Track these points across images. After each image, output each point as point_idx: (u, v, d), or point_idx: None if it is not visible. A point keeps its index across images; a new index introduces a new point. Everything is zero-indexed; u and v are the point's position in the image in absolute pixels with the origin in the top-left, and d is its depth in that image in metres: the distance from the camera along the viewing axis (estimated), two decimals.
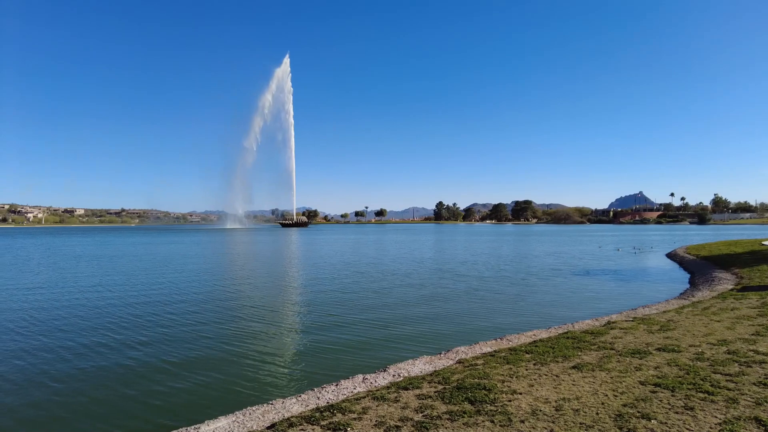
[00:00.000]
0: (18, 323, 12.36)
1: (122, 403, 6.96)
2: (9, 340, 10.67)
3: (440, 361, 7.35)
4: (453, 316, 12.89)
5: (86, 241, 65.35)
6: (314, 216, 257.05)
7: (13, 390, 7.57)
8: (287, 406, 5.71)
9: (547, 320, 12.07)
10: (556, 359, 6.85)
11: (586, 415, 4.67)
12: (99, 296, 16.69)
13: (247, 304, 14.91)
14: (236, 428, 5.15)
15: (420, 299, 15.60)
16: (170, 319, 12.75)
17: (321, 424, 4.79)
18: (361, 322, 12.12)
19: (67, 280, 21.47)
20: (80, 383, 7.83)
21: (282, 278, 22.40)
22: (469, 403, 5.14)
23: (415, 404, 5.21)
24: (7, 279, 21.92)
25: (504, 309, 14.01)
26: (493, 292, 17.18)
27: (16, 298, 16.31)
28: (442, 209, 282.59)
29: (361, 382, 6.44)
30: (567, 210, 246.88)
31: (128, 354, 9.45)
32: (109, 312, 13.76)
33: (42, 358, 9.21)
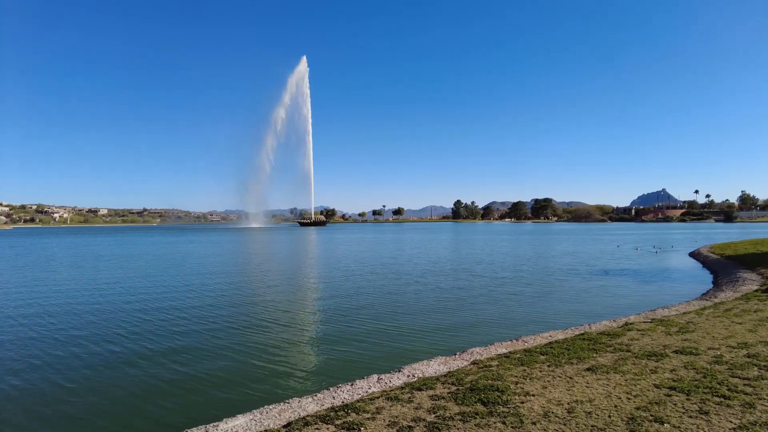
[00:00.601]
0: (36, 322, 12.78)
1: (140, 402, 7.17)
2: (27, 338, 11.07)
3: (455, 362, 7.41)
4: (469, 317, 12.91)
5: (108, 240, 66.92)
6: (332, 215, 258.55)
7: (29, 389, 7.87)
8: (303, 405, 5.84)
9: (564, 321, 12.00)
10: (570, 361, 6.85)
11: (598, 418, 4.68)
12: (117, 295, 17.14)
13: (263, 304, 15.15)
14: (253, 426, 5.30)
15: (436, 300, 15.64)
16: (187, 318, 13.04)
17: (335, 424, 4.90)
18: (377, 323, 12.23)
19: (87, 279, 22.07)
20: (97, 382, 8.09)
21: (299, 278, 22.65)
22: (481, 405, 5.19)
23: (428, 405, 5.29)
24: (30, 278, 22.63)
25: (520, 310, 13.96)
26: (510, 292, 17.11)
27: (36, 297, 16.85)
28: (460, 208, 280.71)
29: (376, 382, 6.54)
30: (588, 208, 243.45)
31: (146, 353, 9.72)
32: (125, 311, 14.14)
33: (59, 357, 9.53)
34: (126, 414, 6.78)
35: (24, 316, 13.46)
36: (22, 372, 8.62)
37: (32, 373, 8.58)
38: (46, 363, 9.15)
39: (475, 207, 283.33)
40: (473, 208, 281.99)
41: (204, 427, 5.42)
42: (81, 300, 16.21)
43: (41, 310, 14.49)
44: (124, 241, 63.44)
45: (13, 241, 67.97)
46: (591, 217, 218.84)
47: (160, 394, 7.44)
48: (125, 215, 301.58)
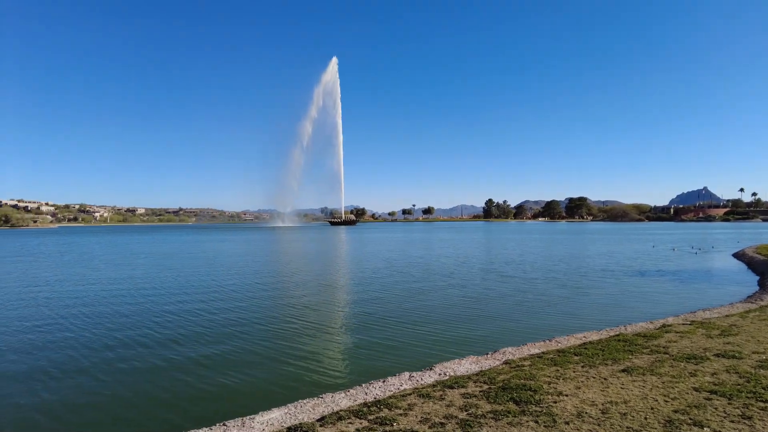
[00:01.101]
0: (72, 317, 13.40)
1: (178, 395, 7.44)
2: (64, 332, 11.63)
3: (487, 361, 7.40)
4: (500, 317, 12.82)
5: (145, 239, 69.27)
6: (362, 214, 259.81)
7: (71, 382, 8.29)
8: (336, 400, 5.96)
9: (599, 322, 11.77)
10: (605, 362, 6.74)
11: (633, 420, 4.61)
12: (152, 292, 17.77)
13: (294, 302, 15.43)
14: (288, 420, 5.45)
15: (466, 300, 15.57)
16: (221, 315, 13.42)
17: (368, 419, 5.00)
18: (408, 321, 12.29)
19: (124, 277, 22.95)
20: (133, 376, 8.45)
21: (329, 276, 22.93)
22: (513, 404, 5.19)
23: (460, 403, 5.32)
24: (71, 275, 23.71)
25: (554, 310, 13.76)
26: (543, 293, 16.87)
27: (75, 294, 17.65)
28: (492, 207, 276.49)
29: (408, 379, 6.61)
30: (624, 207, 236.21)
31: (183, 349, 10.07)
32: (161, 308, 14.65)
33: (97, 351, 9.99)
34: (164, 407, 7.06)
35: (62, 313, 14.13)
36: (62, 365, 9.09)
37: (70, 366, 9.03)
38: (84, 357, 9.61)
39: (507, 206, 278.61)
40: (505, 207, 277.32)
41: (241, 419, 5.61)
42: (118, 297, 16.90)
43: (80, 305, 15.19)
44: (161, 240, 65.58)
45: (58, 239, 71.26)
46: (627, 216, 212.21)
47: (198, 388, 7.71)
48: (162, 214, 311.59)
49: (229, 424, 5.46)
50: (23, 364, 9.12)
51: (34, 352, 9.90)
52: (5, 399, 7.37)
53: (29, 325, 12.39)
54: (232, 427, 5.40)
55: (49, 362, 9.18)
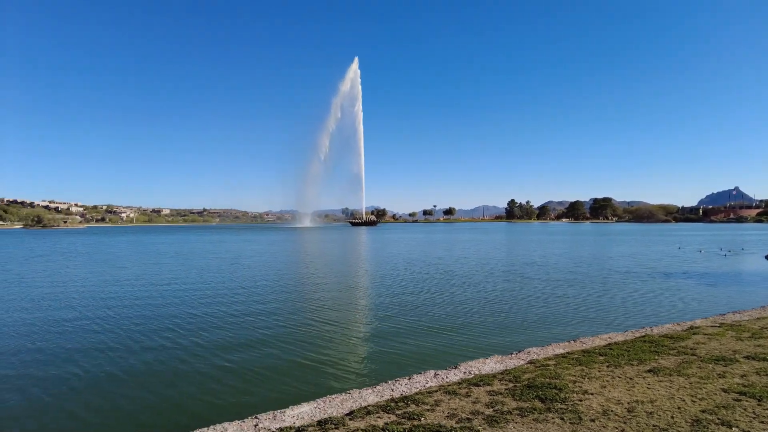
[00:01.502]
0: (102, 315, 13.88)
1: (210, 389, 7.70)
2: (91, 330, 12.07)
3: (511, 360, 7.46)
4: (523, 318, 12.81)
5: (170, 239, 70.76)
6: (383, 215, 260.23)
7: (104, 376, 8.64)
8: (363, 396, 6.12)
9: (623, 324, 11.67)
10: (630, 362, 6.74)
11: (660, 418, 4.64)
12: (180, 291, 18.24)
13: (319, 301, 15.68)
14: (318, 414, 5.63)
15: (489, 300, 15.58)
16: (248, 313, 13.73)
17: (396, 413, 5.13)
18: (431, 321, 12.39)
19: (151, 275, 23.58)
20: (168, 370, 8.76)
21: (352, 276, 23.15)
22: (539, 401, 5.26)
23: (485, 399, 5.42)
24: (100, 273, 24.47)
25: (577, 312, 13.67)
26: (566, 294, 16.75)
27: (105, 292, 18.24)
28: (515, 207, 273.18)
29: (433, 377, 6.73)
30: (650, 208, 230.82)
31: (213, 344, 10.38)
32: (189, 305, 15.06)
33: (129, 347, 10.36)
34: (196, 400, 7.31)
35: (87, 312, 14.65)
36: (91, 361, 9.47)
37: (103, 360, 9.41)
38: (115, 352, 9.98)
39: (530, 207, 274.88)
40: (528, 207, 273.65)
41: (272, 413, 5.81)
42: (147, 296, 17.41)
43: (110, 303, 15.71)
44: (185, 240, 66.96)
45: (87, 239, 73.37)
46: (653, 217, 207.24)
47: (228, 383, 7.96)
48: (186, 215, 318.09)
49: (261, 417, 5.66)
50: (54, 360, 9.54)
51: (65, 348, 10.33)
52: (39, 395, 7.75)
53: (59, 322, 12.90)
54: (264, 419, 5.60)
55: (82, 357, 9.58)
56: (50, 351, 9.98)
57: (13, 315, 13.78)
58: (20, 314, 13.85)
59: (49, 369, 8.81)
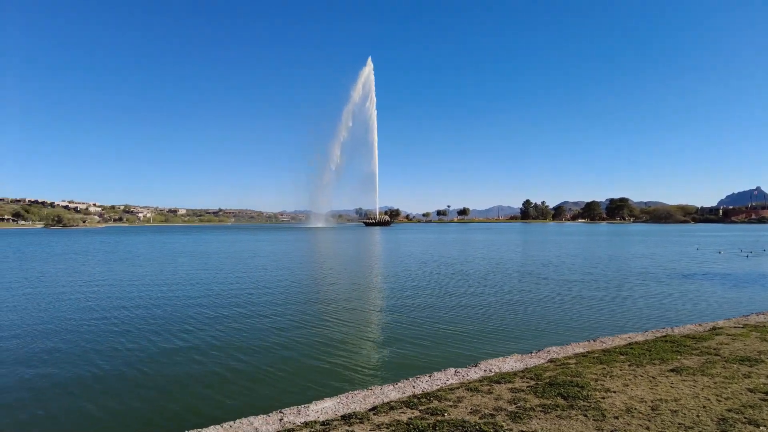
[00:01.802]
0: (122, 315, 14.15)
1: (235, 383, 7.87)
2: (111, 330, 12.33)
3: (531, 359, 7.47)
4: (541, 318, 12.78)
5: (186, 238, 71.61)
6: (396, 215, 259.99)
7: (125, 369, 8.84)
8: (385, 392, 6.19)
9: (643, 324, 11.58)
10: (652, 361, 6.70)
11: (685, 417, 4.63)
12: (197, 291, 18.51)
13: (336, 300, 15.80)
14: (341, 409, 5.72)
15: (506, 300, 15.55)
16: (269, 311, 13.92)
17: (419, 409, 5.20)
18: (448, 320, 12.42)
19: (167, 274, 23.95)
20: (194, 365, 8.94)
21: (368, 276, 23.25)
22: (561, 398, 5.28)
23: (508, 396, 5.45)
24: (116, 272, 24.91)
25: (596, 312, 13.59)
26: (585, 294, 16.65)
27: (121, 292, 18.59)
28: (530, 208, 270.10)
29: (453, 374, 6.77)
30: (668, 208, 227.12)
31: (236, 341, 10.56)
32: (208, 305, 15.29)
33: (153, 342, 10.58)
34: (222, 394, 7.46)
35: (108, 310, 14.96)
36: (120, 355, 9.70)
37: (126, 355, 9.63)
38: (139, 348, 10.21)
39: (545, 207, 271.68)
40: (543, 208, 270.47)
41: (296, 408, 5.91)
42: (165, 295, 17.71)
43: (129, 303, 16.02)
44: (201, 240, 67.77)
45: (105, 238, 74.61)
46: (672, 217, 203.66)
47: (252, 378, 8.12)
48: (202, 215, 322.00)
49: (286, 412, 5.77)
50: (78, 359, 9.79)
51: (89, 344, 10.60)
52: (62, 391, 7.97)
53: (78, 321, 13.22)
54: (289, 414, 5.71)
55: (105, 356, 9.82)
56: (70, 350, 10.22)
57: (33, 314, 14.15)
58: (39, 313, 14.22)
59: (71, 368, 9.04)
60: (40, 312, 14.13)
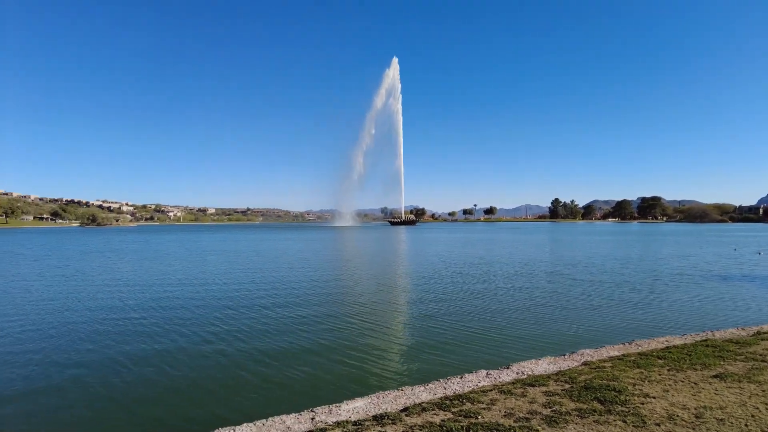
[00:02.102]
0: (152, 313, 14.48)
1: (266, 383, 7.92)
2: (150, 324, 12.62)
3: (565, 362, 7.32)
4: (572, 319, 12.48)
5: (215, 237, 72.91)
6: (422, 214, 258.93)
7: (152, 369, 9.02)
8: (416, 393, 6.16)
9: (679, 327, 11.20)
10: (693, 367, 6.47)
11: (732, 426, 4.44)
12: (231, 288, 18.82)
13: (365, 299, 15.83)
14: (372, 409, 5.71)
15: (535, 301, 15.27)
16: (297, 310, 14.04)
17: (452, 411, 5.14)
18: (479, 320, 12.28)
19: (195, 273, 24.43)
20: (226, 364, 9.07)
21: (395, 276, 23.23)
22: (598, 403, 5.14)
23: (542, 400, 5.34)
24: (147, 271, 25.55)
25: (628, 314, 13.21)
26: (616, 296, 16.21)
27: (153, 290, 19.04)
28: (558, 206, 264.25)
29: (485, 376, 6.69)
30: (703, 207, 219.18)
31: (268, 340, 10.68)
32: (241, 302, 15.53)
33: (186, 340, 10.78)
34: (254, 393, 7.53)
35: (137, 308, 15.34)
36: (149, 355, 9.93)
37: (160, 354, 9.84)
38: (174, 347, 10.42)
39: (574, 206, 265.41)
40: (573, 207, 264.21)
41: (328, 407, 5.93)
42: (195, 294, 18.06)
43: (157, 302, 16.39)
44: (230, 238, 69.01)
45: (137, 237, 76.70)
46: (707, 217, 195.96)
47: (284, 377, 8.16)
48: (231, 214, 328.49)
49: (318, 411, 5.80)
50: (101, 353, 10.07)
51: (120, 344, 10.89)
52: (92, 383, 8.20)
53: (110, 318, 13.60)
54: (321, 413, 5.74)
55: (138, 352, 10.08)
56: (102, 350, 10.50)
57: (63, 314, 14.64)
58: (69, 314, 14.69)
59: (102, 367, 9.31)
60: (68, 311, 14.61)
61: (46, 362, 9.16)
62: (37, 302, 15.71)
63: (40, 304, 15.28)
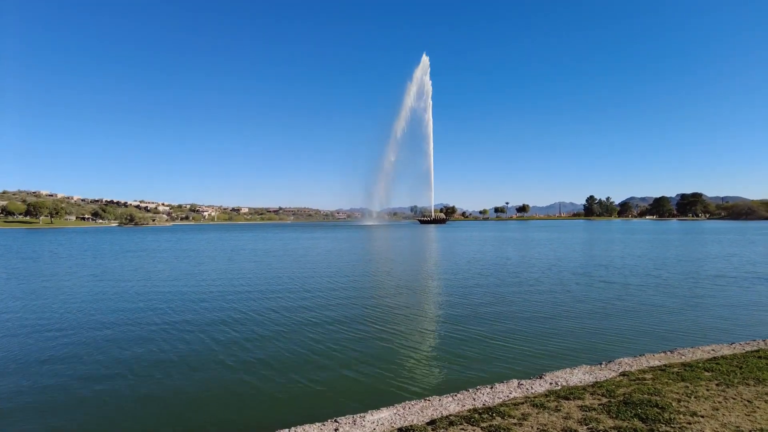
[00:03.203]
0: (174, 316, 14.64)
1: (288, 391, 7.72)
2: (171, 325, 12.73)
3: (601, 372, 6.93)
4: (610, 325, 11.90)
5: (248, 236, 74.11)
6: (452, 213, 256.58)
7: (169, 372, 9.03)
8: (444, 404, 5.92)
9: (727, 334, 10.54)
10: (746, 381, 5.99)
11: None
12: (258, 290, 18.93)
13: (392, 303, 15.63)
14: (398, 421, 5.51)
15: (570, 305, 14.72)
16: (322, 314, 13.95)
17: (481, 426, 4.88)
18: (508, 326, 11.87)
19: (230, 272, 24.74)
20: (246, 371, 9.01)
21: (423, 277, 22.93)
22: (639, 421, 4.79)
23: (578, 415, 5.02)
24: (182, 269, 26.03)
25: (669, 319, 12.54)
26: (655, 300, 15.48)
27: (182, 288, 19.33)
28: (593, 204, 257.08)
29: (517, 387, 6.38)
30: (749, 203, 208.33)
31: (289, 346, 10.57)
32: (265, 305, 15.56)
33: (207, 345, 10.81)
34: (274, 402, 7.37)
35: (169, 307, 15.55)
36: (165, 359, 9.98)
37: (183, 358, 9.88)
38: (190, 350, 10.46)
39: (610, 203, 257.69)
40: (608, 204, 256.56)
41: (352, 417, 5.76)
42: (224, 294, 18.25)
43: (185, 304, 16.60)
44: (262, 237, 70.07)
45: (171, 236, 78.77)
46: (754, 213, 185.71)
47: (305, 385, 7.98)
48: (263, 213, 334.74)
49: (341, 422, 5.64)
50: (126, 352, 10.18)
51: (137, 341, 11.02)
52: (104, 387, 8.26)
53: (130, 317, 13.83)
54: (344, 424, 5.57)
55: (150, 354, 10.16)
56: (115, 353, 10.66)
57: (92, 314, 14.99)
58: (96, 315, 15.03)
59: (111, 372, 9.42)
60: (91, 312, 14.97)
61: (49, 360, 9.34)
62: (63, 301, 16.17)
63: (65, 305, 15.70)
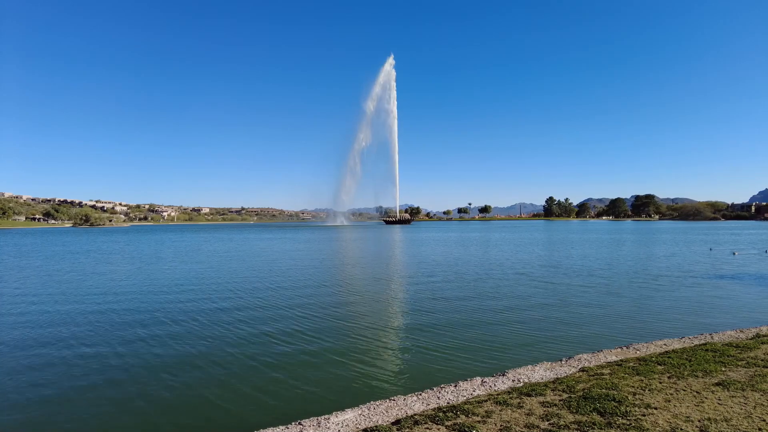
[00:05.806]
0: (134, 315, 14.17)
1: (253, 393, 7.57)
2: (138, 328, 12.31)
3: (561, 368, 7.10)
4: (568, 322, 12.28)
5: (210, 237, 72.21)
6: (416, 213, 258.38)
7: (136, 376, 8.73)
8: (408, 404, 5.92)
9: (676, 329, 11.05)
10: (695, 373, 6.27)
11: None
12: (220, 293, 18.51)
13: (357, 303, 15.59)
14: (363, 422, 5.46)
15: (531, 303, 15.07)
16: (286, 316, 13.76)
17: (446, 425, 4.90)
18: (473, 325, 12.03)
19: (189, 275, 24.08)
20: (210, 374, 8.77)
21: (388, 278, 22.97)
22: (598, 414, 4.92)
23: (540, 411, 5.12)
24: (142, 272, 25.18)
25: (623, 315, 13.03)
26: (609, 298, 16.06)
27: (146, 291, 18.71)
28: (553, 205, 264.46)
29: (480, 384, 6.46)
30: (696, 205, 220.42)
31: (254, 348, 10.36)
32: (231, 307, 15.22)
33: (170, 349, 10.48)
34: (238, 405, 7.22)
35: (135, 314, 15.01)
36: (134, 362, 9.62)
37: (144, 363, 9.54)
38: (155, 356, 10.12)
39: (569, 204, 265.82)
40: (567, 205, 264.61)
41: (316, 419, 5.67)
42: (187, 296, 17.74)
43: (148, 303, 16.07)
44: (224, 238, 68.42)
45: (120, 237, 75.93)
46: (700, 214, 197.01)
47: (269, 387, 7.81)
48: (225, 214, 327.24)
49: (305, 424, 5.54)
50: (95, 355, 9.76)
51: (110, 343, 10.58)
52: (87, 386, 7.90)
53: (99, 318, 13.28)
54: (308, 426, 5.48)
55: (118, 358, 9.77)
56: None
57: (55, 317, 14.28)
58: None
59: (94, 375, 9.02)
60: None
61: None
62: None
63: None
